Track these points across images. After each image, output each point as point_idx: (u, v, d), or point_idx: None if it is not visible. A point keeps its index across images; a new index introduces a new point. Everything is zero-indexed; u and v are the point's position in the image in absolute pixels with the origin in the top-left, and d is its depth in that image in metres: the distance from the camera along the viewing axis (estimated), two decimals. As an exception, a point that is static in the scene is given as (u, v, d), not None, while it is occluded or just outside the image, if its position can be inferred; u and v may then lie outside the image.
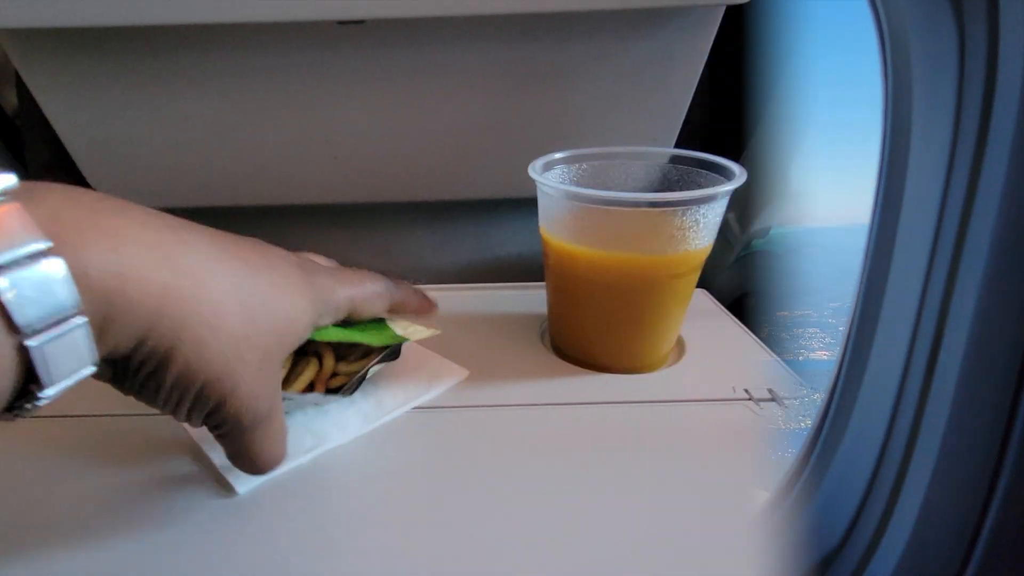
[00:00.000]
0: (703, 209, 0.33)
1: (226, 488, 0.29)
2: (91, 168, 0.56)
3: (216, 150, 0.55)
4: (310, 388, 0.32)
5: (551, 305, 0.42)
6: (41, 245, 0.17)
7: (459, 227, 0.65)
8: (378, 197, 0.60)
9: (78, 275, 0.18)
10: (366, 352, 0.34)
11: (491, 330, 0.45)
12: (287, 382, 0.31)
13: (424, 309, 0.35)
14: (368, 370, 0.32)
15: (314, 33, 0.46)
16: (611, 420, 0.35)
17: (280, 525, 0.28)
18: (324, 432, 0.33)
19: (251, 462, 0.26)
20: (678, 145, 0.57)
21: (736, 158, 0.67)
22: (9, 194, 0.17)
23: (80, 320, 0.18)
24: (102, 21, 0.41)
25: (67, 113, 0.52)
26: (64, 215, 0.18)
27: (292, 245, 0.72)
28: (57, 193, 0.19)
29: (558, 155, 0.40)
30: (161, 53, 0.47)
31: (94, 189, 0.57)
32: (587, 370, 0.40)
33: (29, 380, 0.18)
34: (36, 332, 0.17)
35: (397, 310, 0.34)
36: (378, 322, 0.34)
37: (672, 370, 0.41)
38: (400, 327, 0.34)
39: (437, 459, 0.32)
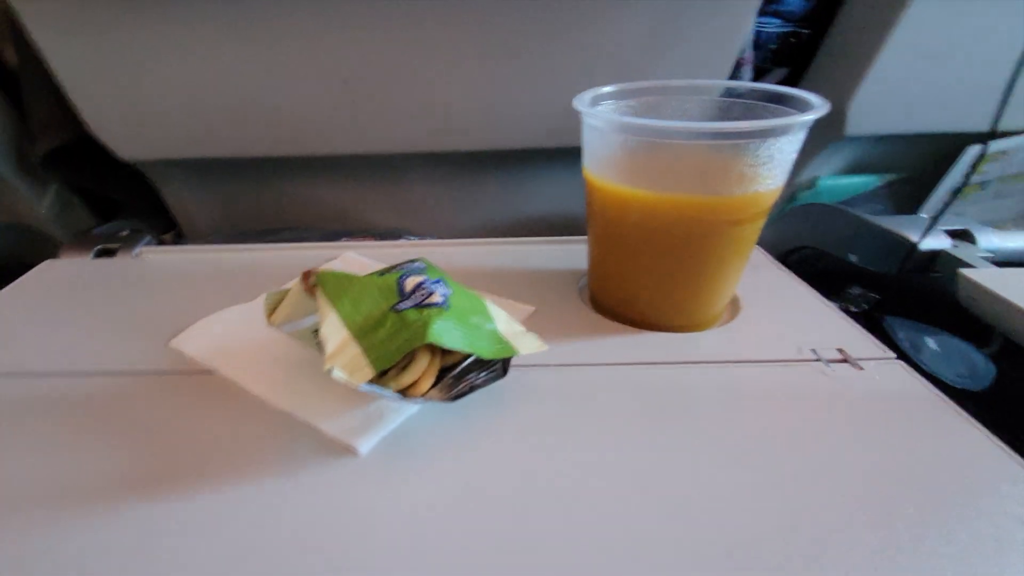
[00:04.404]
0: (780, 143, 0.29)
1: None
2: (94, 117, 0.52)
3: (224, 95, 0.51)
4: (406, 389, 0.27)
5: (594, 257, 0.38)
6: None
7: (486, 180, 0.61)
8: (398, 147, 0.56)
9: None
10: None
11: (525, 286, 0.41)
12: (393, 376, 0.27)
13: None
14: (475, 384, 0.28)
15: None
16: (663, 382, 0.32)
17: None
18: None
19: None
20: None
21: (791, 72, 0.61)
22: None
23: None
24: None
25: (70, 59, 0.48)
26: None
27: (306, 202, 0.69)
28: None
29: (606, 89, 0.35)
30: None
31: (97, 141, 0.54)
32: (633, 328, 0.36)
33: None
34: None
35: None
36: (481, 307, 0.30)
37: (728, 328, 0.37)
38: (505, 323, 0.30)
39: (486, 420, 0.29)
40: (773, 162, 0.29)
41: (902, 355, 0.44)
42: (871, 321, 0.56)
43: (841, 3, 0.53)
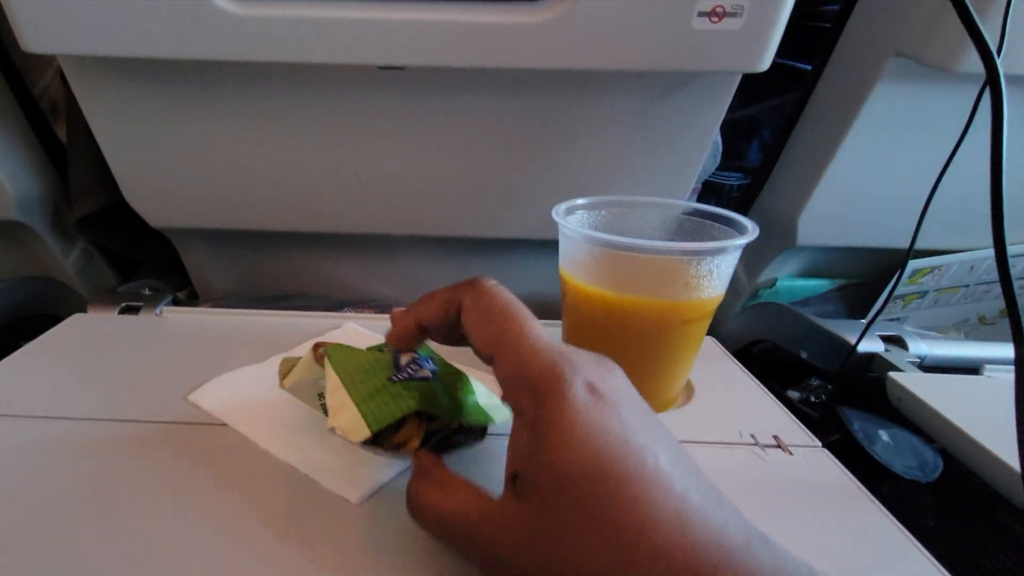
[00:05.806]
0: (717, 260, 0.35)
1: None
2: (131, 189, 0.59)
3: (248, 177, 0.58)
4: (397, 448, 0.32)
5: (566, 343, 0.44)
6: None
7: (478, 264, 0.68)
8: (402, 230, 0.63)
9: None
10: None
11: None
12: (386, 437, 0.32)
13: None
14: (456, 445, 0.34)
15: (355, 75, 0.49)
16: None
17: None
18: None
19: None
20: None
21: (745, 211, 0.69)
22: None
23: None
24: (157, 53, 0.44)
25: (115, 136, 0.55)
26: None
27: (314, 272, 0.74)
28: None
29: (580, 201, 0.42)
30: (210, 86, 0.51)
31: (133, 208, 0.60)
32: (598, 407, 0.41)
33: None
34: None
35: None
36: (464, 381, 0.35)
37: (681, 412, 0.42)
38: (484, 395, 0.35)
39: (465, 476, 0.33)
40: (712, 275, 0.36)
41: (856, 444, 0.49)
42: (829, 411, 0.61)
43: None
